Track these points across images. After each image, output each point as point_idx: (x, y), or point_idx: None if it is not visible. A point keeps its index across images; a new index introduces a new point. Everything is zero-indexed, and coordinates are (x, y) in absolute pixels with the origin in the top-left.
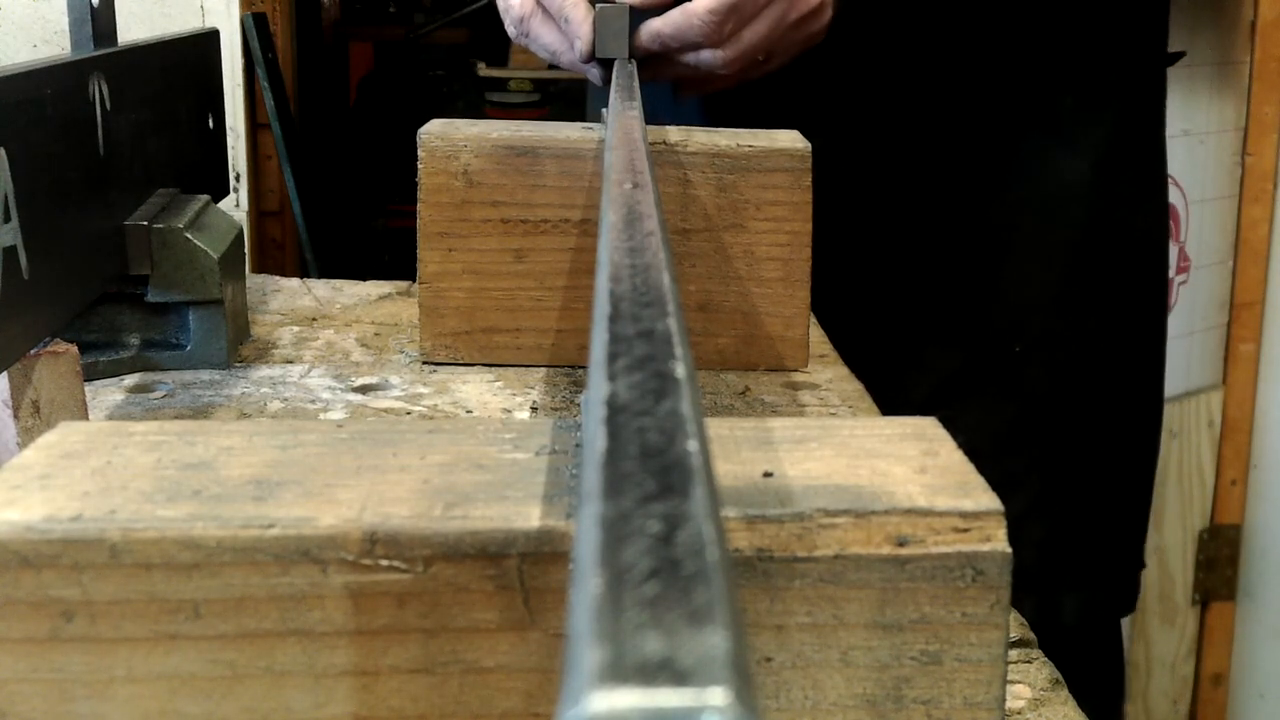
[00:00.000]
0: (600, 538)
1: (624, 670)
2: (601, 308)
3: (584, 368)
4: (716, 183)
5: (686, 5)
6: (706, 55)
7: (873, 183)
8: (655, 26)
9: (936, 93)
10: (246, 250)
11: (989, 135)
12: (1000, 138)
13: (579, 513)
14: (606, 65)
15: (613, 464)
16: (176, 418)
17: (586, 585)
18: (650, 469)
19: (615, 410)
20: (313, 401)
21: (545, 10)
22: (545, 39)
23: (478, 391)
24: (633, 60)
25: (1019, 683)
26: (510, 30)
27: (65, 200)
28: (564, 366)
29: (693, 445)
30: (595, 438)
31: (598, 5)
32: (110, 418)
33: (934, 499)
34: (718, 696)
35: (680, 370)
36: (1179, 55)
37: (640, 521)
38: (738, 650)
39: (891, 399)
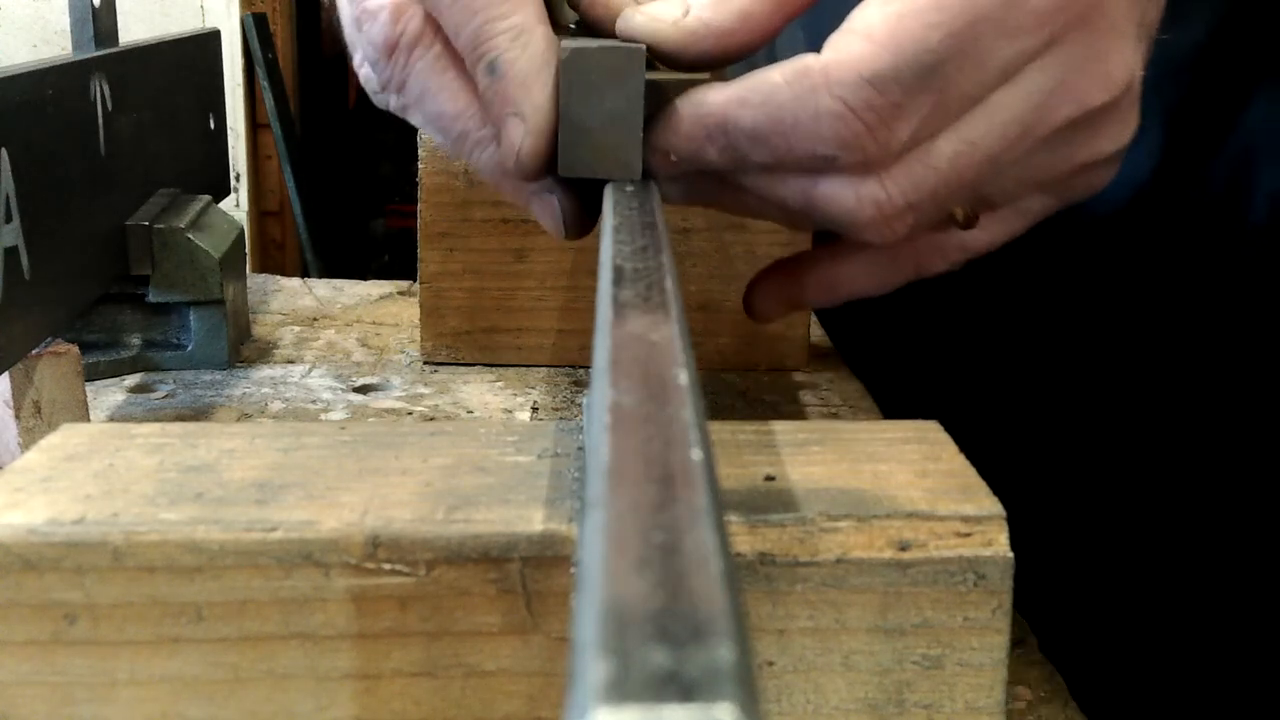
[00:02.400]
0: (604, 547)
1: (629, 684)
2: (604, 312)
3: (585, 368)
4: None
5: (799, 63)
6: (838, 193)
7: None
8: (717, 104)
9: None
10: (247, 250)
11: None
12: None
13: (582, 522)
14: (580, 191)
15: (616, 472)
16: (177, 418)
17: (590, 596)
18: (654, 477)
19: (619, 417)
20: (314, 402)
21: (446, 41)
22: (440, 103)
23: (479, 392)
24: (650, 181)
25: (1019, 684)
26: (366, 77)
27: (67, 200)
28: (565, 367)
29: (696, 453)
30: (599, 445)
31: (566, 44)
32: (111, 418)
33: (936, 503)
34: (725, 711)
35: (683, 377)
36: None
37: (644, 531)
38: (744, 662)
39: (892, 399)
